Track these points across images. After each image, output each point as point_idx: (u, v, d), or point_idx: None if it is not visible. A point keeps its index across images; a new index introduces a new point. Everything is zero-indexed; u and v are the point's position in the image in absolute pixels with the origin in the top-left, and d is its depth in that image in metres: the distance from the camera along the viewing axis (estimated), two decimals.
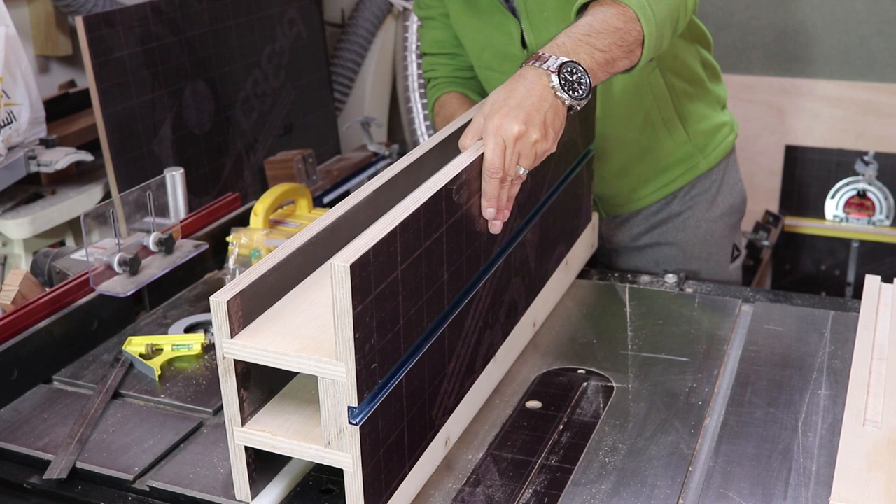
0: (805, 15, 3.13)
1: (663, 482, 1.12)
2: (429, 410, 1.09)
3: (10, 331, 1.33)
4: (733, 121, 1.85)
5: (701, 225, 1.80)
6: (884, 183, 3.16)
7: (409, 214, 0.99)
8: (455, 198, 1.10)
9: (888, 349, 1.24)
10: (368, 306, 0.93)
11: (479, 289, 1.19)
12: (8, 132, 2.13)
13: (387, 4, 3.19)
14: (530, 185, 1.30)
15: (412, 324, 1.03)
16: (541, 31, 1.59)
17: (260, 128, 2.72)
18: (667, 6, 1.37)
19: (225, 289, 0.98)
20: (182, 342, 1.41)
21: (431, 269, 1.05)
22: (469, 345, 1.18)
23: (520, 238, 1.30)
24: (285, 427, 1.02)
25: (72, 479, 1.15)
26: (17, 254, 2.18)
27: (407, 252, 0.99)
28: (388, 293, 0.97)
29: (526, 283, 1.35)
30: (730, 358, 1.41)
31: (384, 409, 0.99)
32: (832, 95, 3.18)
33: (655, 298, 1.59)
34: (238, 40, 2.60)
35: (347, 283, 0.89)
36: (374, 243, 0.93)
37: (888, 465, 1.01)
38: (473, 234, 1.16)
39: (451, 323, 1.12)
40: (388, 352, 0.99)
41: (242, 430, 1.02)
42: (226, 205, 1.78)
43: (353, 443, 0.95)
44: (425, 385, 1.08)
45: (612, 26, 1.30)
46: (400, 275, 0.98)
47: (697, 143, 1.76)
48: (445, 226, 1.08)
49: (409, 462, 1.07)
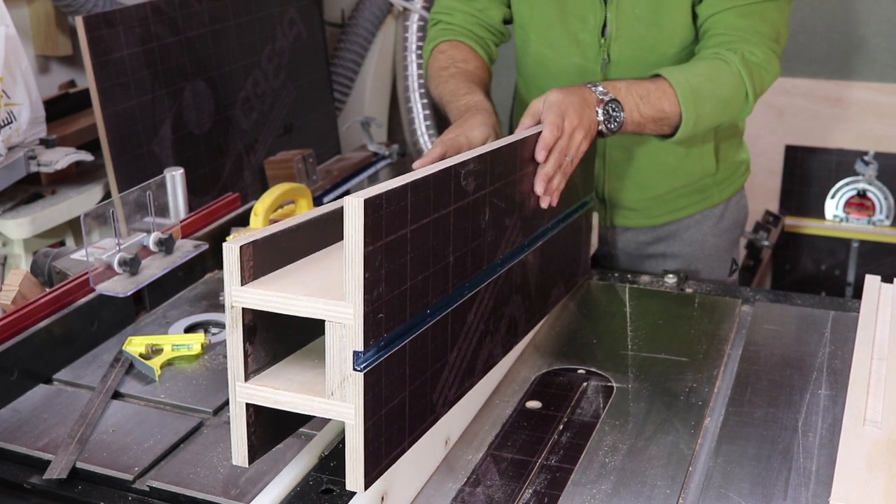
0: (805, 15, 3.13)
1: (663, 482, 1.12)
2: (430, 393, 1.09)
3: (10, 331, 1.33)
4: (748, 157, 1.90)
5: (707, 240, 1.83)
6: (884, 183, 3.16)
7: (419, 177, 1.02)
8: (463, 183, 1.11)
9: (888, 349, 1.24)
10: (378, 250, 0.94)
11: (482, 288, 1.19)
12: (8, 132, 2.12)
13: (387, 4, 3.19)
14: (533, 208, 1.33)
15: (418, 291, 1.03)
16: (625, 25, 1.63)
17: (260, 128, 2.72)
18: (712, 120, 1.58)
19: (239, 238, 0.98)
20: (182, 342, 1.41)
21: (438, 244, 1.07)
22: (471, 342, 1.18)
23: (521, 256, 1.31)
24: (288, 384, 1.01)
25: (72, 479, 1.15)
26: (17, 254, 2.18)
27: (416, 214, 1.01)
28: (398, 248, 0.98)
29: (526, 306, 1.35)
30: (730, 358, 1.41)
31: (388, 368, 0.99)
32: (832, 95, 3.18)
33: (655, 298, 1.59)
34: (238, 40, 2.60)
35: (360, 219, 0.91)
36: (387, 190, 0.95)
37: (888, 465, 1.01)
38: (478, 231, 1.17)
39: (455, 311, 1.13)
40: (394, 308, 0.99)
41: (245, 386, 1.00)
42: (226, 205, 1.78)
43: (357, 391, 0.94)
44: (428, 364, 1.07)
45: (660, 107, 1.50)
46: (409, 234, 1.00)
47: (719, 178, 1.80)
48: (453, 206, 1.09)
49: (409, 438, 1.06)
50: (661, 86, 1.50)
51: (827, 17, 3.14)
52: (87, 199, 2.27)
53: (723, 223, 1.84)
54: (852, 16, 3.10)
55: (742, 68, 1.54)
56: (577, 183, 1.50)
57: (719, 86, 1.54)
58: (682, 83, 1.50)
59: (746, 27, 1.57)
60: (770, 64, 1.59)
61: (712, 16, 1.59)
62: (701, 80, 1.53)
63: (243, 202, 1.83)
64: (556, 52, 1.70)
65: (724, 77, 1.54)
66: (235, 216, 1.76)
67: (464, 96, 1.55)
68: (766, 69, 1.58)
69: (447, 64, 1.67)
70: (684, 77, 1.52)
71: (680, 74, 1.52)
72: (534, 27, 1.72)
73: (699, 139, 1.71)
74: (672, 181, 1.77)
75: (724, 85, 1.55)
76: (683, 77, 1.52)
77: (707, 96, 1.52)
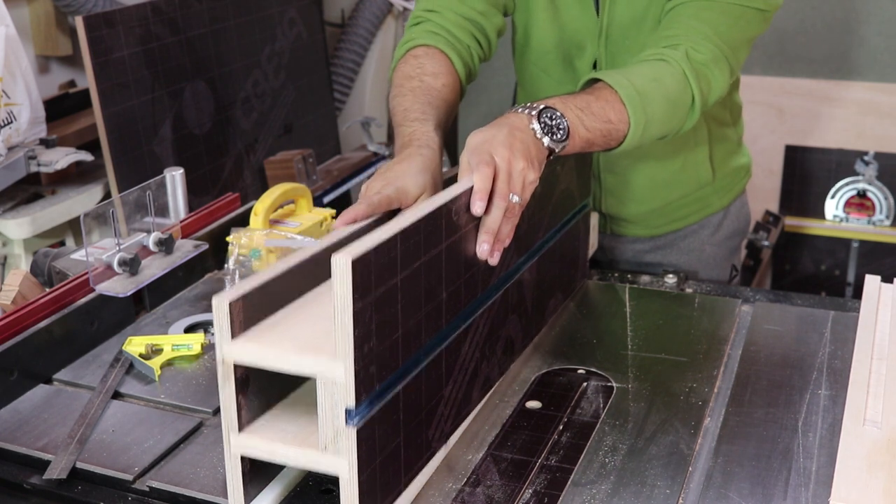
0: (805, 15, 3.13)
1: (663, 482, 1.12)
2: (425, 430, 1.09)
3: (10, 331, 1.33)
4: (749, 159, 1.84)
5: (705, 249, 1.81)
6: (884, 183, 3.16)
7: (410, 224, 1.00)
8: (454, 218, 1.09)
9: (888, 349, 1.24)
10: (368, 306, 0.93)
11: (476, 317, 1.19)
12: (8, 132, 2.13)
13: (387, 4, 3.19)
14: (527, 226, 1.30)
15: (411, 336, 1.03)
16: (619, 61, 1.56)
17: (260, 128, 2.72)
18: (662, 126, 1.39)
19: (227, 291, 0.98)
20: (182, 342, 1.41)
21: (430, 284, 1.05)
22: (466, 372, 1.18)
23: (517, 276, 1.30)
24: (281, 435, 1.02)
25: (72, 479, 1.14)
26: (17, 254, 2.18)
27: (407, 261, 1.00)
28: (388, 298, 0.97)
29: (523, 323, 1.35)
30: (730, 358, 1.41)
31: (381, 418, 0.99)
32: (832, 95, 3.18)
33: (655, 298, 1.59)
34: (238, 40, 2.60)
35: (349, 278, 0.89)
36: (376, 244, 0.94)
37: (888, 465, 1.01)
38: (471, 261, 1.15)
39: (449, 346, 1.12)
40: (386, 358, 0.98)
41: (239, 437, 1.01)
42: (226, 205, 1.78)
43: (350, 446, 0.95)
44: (422, 403, 1.07)
45: (605, 116, 1.31)
46: (399, 283, 0.99)
47: (717, 186, 1.77)
48: (445, 244, 1.08)
49: (405, 479, 1.06)
50: (602, 93, 1.33)
51: (827, 17, 3.14)
52: (87, 199, 2.27)
53: (721, 232, 1.81)
54: (852, 16, 3.11)
55: (685, 66, 1.39)
56: (572, 189, 1.48)
57: (664, 86, 1.38)
58: (624, 84, 1.34)
59: (696, 26, 1.43)
60: (718, 66, 1.43)
61: (669, 11, 1.47)
62: (644, 80, 1.36)
63: (243, 202, 1.83)
64: (551, 76, 1.67)
65: (667, 77, 1.39)
66: (235, 216, 1.76)
67: (413, 122, 1.35)
68: (712, 72, 1.42)
69: (414, 74, 1.46)
70: (626, 79, 1.35)
71: (621, 76, 1.36)
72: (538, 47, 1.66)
73: (691, 148, 1.68)
74: (669, 194, 1.75)
75: (669, 84, 1.38)
76: (625, 79, 1.35)
77: (653, 97, 1.36)
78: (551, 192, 1.39)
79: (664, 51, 1.41)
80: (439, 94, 1.43)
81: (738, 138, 1.80)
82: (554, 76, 1.66)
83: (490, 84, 3.36)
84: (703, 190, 1.76)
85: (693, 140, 1.68)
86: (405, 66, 1.49)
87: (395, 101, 1.42)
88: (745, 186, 1.84)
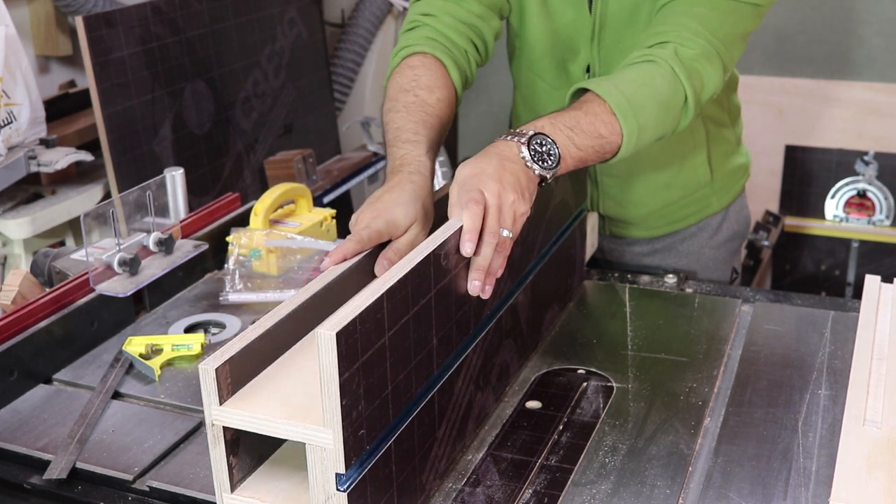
0: (805, 15, 3.13)
1: (663, 482, 1.12)
2: (419, 475, 1.08)
3: (10, 331, 1.33)
4: (748, 159, 1.84)
5: (704, 252, 1.80)
6: (884, 183, 3.16)
7: (396, 281, 0.98)
8: (443, 263, 1.07)
9: (888, 349, 1.24)
10: (355, 374, 0.92)
11: (469, 352, 1.17)
12: (8, 132, 2.13)
13: (387, 4, 3.19)
14: (521, 249, 1.28)
15: (401, 389, 1.02)
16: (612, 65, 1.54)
17: (260, 128, 2.72)
18: (655, 131, 1.37)
19: (214, 356, 0.97)
20: (182, 342, 1.41)
21: (420, 334, 1.04)
22: (460, 408, 1.16)
23: (511, 301, 1.28)
24: (274, 494, 1.01)
25: (72, 479, 1.15)
26: (17, 254, 2.18)
27: (394, 318, 0.98)
28: (376, 360, 0.96)
29: (518, 345, 1.34)
30: (730, 358, 1.41)
31: (372, 476, 0.98)
32: (832, 95, 3.18)
33: (655, 298, 1.59)
34: (238, 40, 2.60)
35: (333, 351, 0.88)
36: (361, 311, 0.92)
37: (888, 465, 1.01)
38: (462, 298, 1.13)
39: (442, 387, 1.11)
40: (375, 418, 0.97)
41: (231, 497, 1.01)
42: (226, 205, 1.78)
43: None
44: (415, 450, 1.06)
45: (596, 131, 1.28)
46: (387, 341, 0.97)
47: (716, 186, 1.77)
48: (434, 291, 1.06)
49: None
50: (591, 107, 1.30)
51: (827, 17, 3.14)
52: (87, 199, 2.27)
53: (720, 234, 1.80)
54: (852, 16, 3.11)
55: (674, 64, 1.36)
56: (567, 199, 1.48)
57: (654, 88, 1.35)
58: (613, 94, 1.31)
59: (685, 23, 1.40)
60: (710, 62, 1.39)
61: (660, 8, 1.45)
62: (634, 86, 1.34)
63: (243, 202, 1.83)
64: (545, 80, 1.66)
65: (657, 78, 1.35)
66: (235, 216, 1.76)
67: (404, 144, 1.32)
68: (704, 68, 1.39)
69: (409, 87, 1.42)
70: (615, 87, 1.32)
71: (609, 85, 1.33)
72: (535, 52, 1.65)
73: (688, 150, 1.68)
74: (667, 196, 1.74)
75: (659, 86, 1.35)
76: (614, 87, 1.32)
77: (645, 103, 1.33)
78: (545, 208, 1.38)
79: (652, 50, 1.39)
80: (433, 111, 1.40)
81: (737, 139, 1.80)
82: (548, 80, 1.66)
83: (490, 84, 3.36)
84: (702, 191, 1.75)
85: (691, 142, 1.68)
86: (400, 77, 1.45)
87: (389, 116, 1.40)
88: (743, 186, 1.84)
